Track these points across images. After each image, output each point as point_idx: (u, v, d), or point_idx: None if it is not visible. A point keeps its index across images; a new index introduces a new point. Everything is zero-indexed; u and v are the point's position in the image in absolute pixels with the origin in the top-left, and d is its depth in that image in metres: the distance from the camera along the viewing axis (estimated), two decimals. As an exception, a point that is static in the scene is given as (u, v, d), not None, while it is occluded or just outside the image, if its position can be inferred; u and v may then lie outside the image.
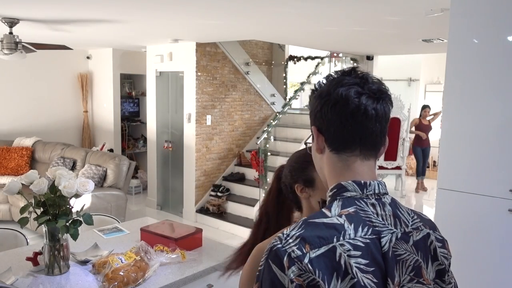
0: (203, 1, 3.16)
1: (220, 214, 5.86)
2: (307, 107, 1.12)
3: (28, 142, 6.17)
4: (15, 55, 4.11)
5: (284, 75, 7.55)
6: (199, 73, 5.82)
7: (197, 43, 5.73)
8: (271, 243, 0.83)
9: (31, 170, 2.13)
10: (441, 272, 0.94)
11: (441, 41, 4.96)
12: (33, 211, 2.05)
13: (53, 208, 2.04)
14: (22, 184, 2.06)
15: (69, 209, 2.08)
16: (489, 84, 2.46)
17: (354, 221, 0.84)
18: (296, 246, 0.80)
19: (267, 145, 5.80)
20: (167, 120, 6.44)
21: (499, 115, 2.43)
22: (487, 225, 2.51)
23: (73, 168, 5.62)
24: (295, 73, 7.68)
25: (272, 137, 6.11)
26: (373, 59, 7.35)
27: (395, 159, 7.20)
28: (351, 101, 0.88)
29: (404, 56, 7.97)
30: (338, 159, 0.92)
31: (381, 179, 0.92)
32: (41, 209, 2.06)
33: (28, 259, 2.12)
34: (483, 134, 2.48)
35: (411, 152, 8.84)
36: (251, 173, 6.08)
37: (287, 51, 7.54)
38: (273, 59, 7.59)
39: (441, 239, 0.97)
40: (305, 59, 7.29)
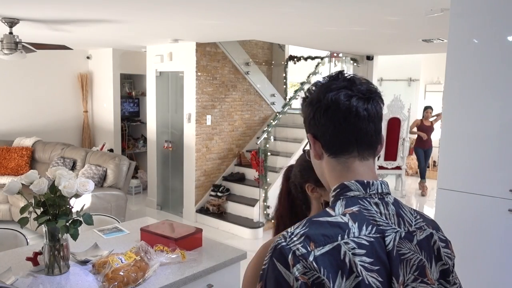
0: (203, 1, 3.16)
1: (220, 214, 5.86)
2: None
3: (28, 142, 6.17)
4: (15, 55, 4.11)
5: (284, 75, 7.54)
6: (199, 73, 5.82)
7: (197, 43, 5.73)
8: (275, 241, 0.83)
9: (31, 170, 2.13)
10: (445, 272, 0.94)
11: (441, 41, 4.96)
12: (33, 211, 2.05)
13: (53, 208, 2.04)
14: (22, 184, 2.06)
15: (69, 209, 2.08)
16: (489, 84, 2.46)
17: (358, 220, 0.84)
18: (300, 244, 0.80)
19: (267, 145, 5.80)
20: (167, 120, 6.44)
21: (499, 115, 2.43)
22: (487, 225, 2.51)
23: (73, 168, 5.62)
24: (295, 73, 7.67)
25: (272, 137, 6.11)
26: (373, 59, 7.35)
27: (395, 159, 7.21)
28: (342, 104, 0.89)
29: (404, 56, 7.97)
30: (337, 163, 0.93)
31: (382, 179, 0.92)
32: (41, 209, 2.05)
33: (28, 259, 2.12)
34: (483, 134, 2.48)
35: (411, 152, 8.83)
36: (251, 173, 6.08)
37: (287, 51, 7.54)
38: (273, 59, 7.59)
39: (444, 239, 0.97)
40: (305, 59, 7.28)
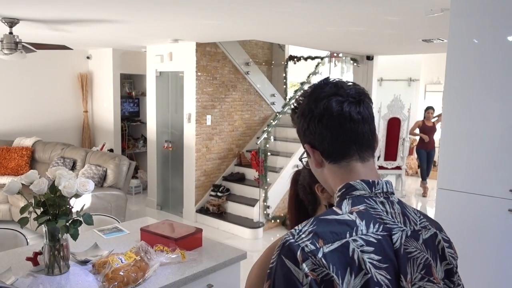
0: (203, 1, 3.16)
1: (220, 214, 5.86)
2: None
3: (28, 142, 6.17)
4: (15, 55, 4.11)
5: (284, 75, 7.54)
6: (199, 73, 5.82)
7: (197, 43, 5.73)
8: (283, 238, 0.83)
9: (31, 170, 2.13)
10: (449, 272, 0.94)
11: (441, 41, 4.96)
12: (33, 211, 2.05)
13: (53, 208, 2.04)
14: (22, 184, 2.06)
15: (69, 209, 2.07)
16: (489, 84, 2.46)
17: (365, 218, 0.85)
18: (309, 240, 0.80)
19: (267, 145, 5.80)
20: (167, 120, 6.44)
21: (499, 115, 2.43)
22: (487, 225, 2.51)
23: (73, 168, 5.62)
24: (295, 73, 7.67)
25: (272, 137, 6.11)
26: (373, 59, 7.34)
27: (395, 159, 7.21)
28: (335, 111, 0.89)
29: (404, 56, 7.96)
30: (338, 168, 0.93)
31: (386, 179, 0.93)
32: (41, 209, 2.05)
33: (28, 259, 2.12)
34: (483, 134, 2.48)
35: (411, 152, 8.82)
36: (251, 173, 6.08)
37: (287, 51, 7.53)
38: (273, 59, 7.59)
39: (447, 240, 0.97)
40: (305, 59, 7.28)
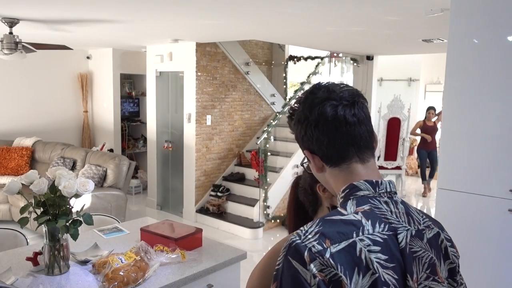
0: (203, 1, 3.16)
1: (220, 214, 5.86)
2: None
3: (28, 142, 6.17)
4: (15, 55, 4.11)
5: (284, 75, 7.54)
6: (199, 73, 5.82)
7: (197, 43, 5.73)
8: (289, 239, 0.82)
9: (31, 170, 2.13)
10: (452, 271, 0.95)
11: (441, 41, 4.96)
12: (33, 211, 2.05)
13: (53, 208, 2.04)
14: (22, 184, 2.06)
15: (69, 209, 2.07)
16: (489, 84, 2.46)
17: (370, 218, 0.85)
18: (316, 241, 0.79)
19: (267, 145, 5.80)
20: (167, 120, 6.44)
21: (499, 115, 2.43)
22: (487, 225, 2.51)
23: (73, 168, 5.62)
24: (295, 73, 7.67)
25: (272, 137, 6.11)
26: (373, 59, 7.35)
27: (395, 159, 7.21)
28: (330, 116, 0.89)
29: (404, 56, 7.97)
30: (339, 171, 0.93)
31: (389, 179, 0.93)
32: (41, 209, 2.05)
33: (28, 259, 2.12)
34: (483, 134, 2.48)
35: (411, 152, 8.82)
36: (251, 173, 6.08)
37: (287, 51, 7.54)
38: (273, 59, 7.59)
39: (449, 239, 0.98)
40: (305, 59, 7.28)
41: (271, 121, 6.10)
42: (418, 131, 7.46)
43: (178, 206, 6.32)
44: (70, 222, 2.05)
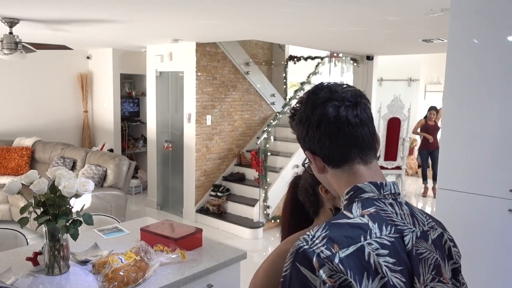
0: (203, 1, 3.16)
1: (220, 214, 5.86)
2: None
3: (28, 142, 6.17)
4: (15, 55, 4.11)
5: (284, 75, 7.54)
6: (199, 73, 5.82)
7: (197, 43, 5.73)
8: (295, 245, 0.80)
9: (31, 170, 2.13)
10: (455, 271, 0.95)
11: (441, 41, 4.96)
12: (33, 211, 2.05)
13: (53, 208, 2.04)
14: (22, 184, 2.06)
15: (69, 209, 2.07)
16: (489, 84, 2.46)
17: (377, 221, 0.84)
18: (324, 246, 0.78)
19: (267, 145, 5.80)
20: (167, 120, 6.44)
21: (499, 115, 2.43)
22: (487, 225, 2.51)
23: (73, 168, 5.62)
24: (295, 73, 7.67)
25: (272, 137, 6.11)
26: (373, 59, 7.35)
27: (395, 159, 7.20)
28: (331, 117, 0.88)
29: (404, 56, 7.97)
30: (342, 172, 0.92)
31: (393, 180, 0.92)
32: (41, 209, 2.05)
33: (28, 259, 2.12)
34: (483, 134, 2.48)
35: (411, 152, 8.81)
36: (251, 173, 6.08)
37: (287, 51, 7.54)
38: (273, 59, 7.59)
39: (452, 239, 0.97)
40: (305, 59, 7.28)
41: (271, 121, 6.11)
42: (418, 130, 7.47)
43: (178, 206, 6.32)
44: (70, 222, 2.05)
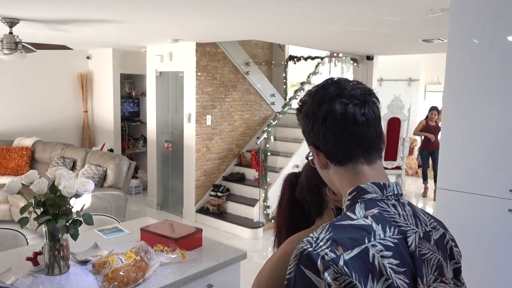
0: (203, 1, 3.16)
1: (220, 214, 5.86)
2: None
3: (28, 142, 6.17)
4: (15, 55, 4.11)
5: (284, 75, 7.55)
6: (199, 73, 5.82)
7: (197, 43, 5.73)
8: (299, 247, 0.79)
9: (31, 170, 2.13)
10: (457, 271, 0.95)
11: (441, 41, 4.96)
12: (33, 211, 2.05)
13: (53, 208, 2.04)
14: (22, 184, 2.06)
15: (69, 209, 2.07)
16: (489, 84, 2.46)
17: (380, 222, 0.83)
18: (328, 248, 0.77)
19: (267, 145, 5.80)
20: (167, 120, 6.44)
21: (499, 115, 2.43)
22: (487, 225, 2.51)
23: (73, 168, 5.62)
24: (295, 73, 7.67)
25: (272, 137, 6.11)
26: (373, 59, 7.34)
27: (395, 159, 7.20)
28: (338, 114, 0.87)
29: (404, 56, 7.97)
30: (345, 170, 0.91)
31: (395, 181, 0.92)
32: (41, 209, 2.05)
33: (28, 259, 2.12)
34: (483, 134, 2.48)
35: (411, 152, 8.81)
36: (251, 173, 6.08)
37: (287, 51, 7.54)
38: (273, 59, 7.59)
39: (453, 239, 0.97)
40: (305, 59, 7.28)
41: (271, 121, 6.11)
42: (420, 131, 7.48)
43: (178, 206, 6.32)
44: (70, 222, 2.05)
